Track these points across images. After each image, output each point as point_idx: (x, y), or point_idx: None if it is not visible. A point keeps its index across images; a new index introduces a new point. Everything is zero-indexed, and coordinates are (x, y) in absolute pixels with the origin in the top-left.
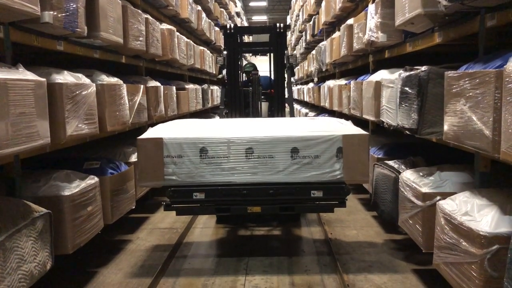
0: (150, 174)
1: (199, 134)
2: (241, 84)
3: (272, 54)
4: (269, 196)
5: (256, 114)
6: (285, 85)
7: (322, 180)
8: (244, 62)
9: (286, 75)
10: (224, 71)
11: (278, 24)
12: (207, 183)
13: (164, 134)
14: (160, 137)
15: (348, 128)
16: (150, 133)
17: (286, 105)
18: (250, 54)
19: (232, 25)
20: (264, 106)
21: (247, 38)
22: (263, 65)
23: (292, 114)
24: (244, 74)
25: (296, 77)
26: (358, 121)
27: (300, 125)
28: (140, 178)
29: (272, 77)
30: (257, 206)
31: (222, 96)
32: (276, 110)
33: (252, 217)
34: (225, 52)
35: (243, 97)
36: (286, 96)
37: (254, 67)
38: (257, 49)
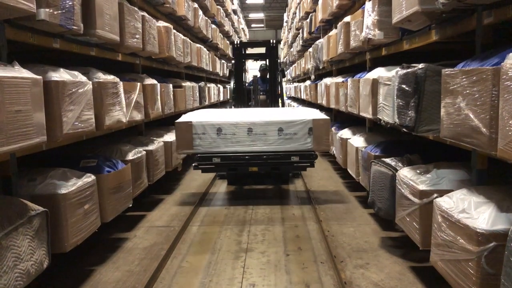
0: (184, 145)
1: (216, 119)
2: (248, 84)
3: (267, 62)
4: (263, 160)
5: (256, 105)
6: (278, 84)
7: (299, 149)
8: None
9: (278, 77)
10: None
11: (271, 40)
12: (222, 152)
13: (193, 119)
14: (190, 121)
15: (317, 114)
16: (183, 118)
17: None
18: (252, 60)
19: (239, 41)
20: (262, 99)
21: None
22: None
23: (282, 106)
24: (247, 75)
25: (293, 74)
26: (355, 118)
27: (285, 113)
28: (177, 148)
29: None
30: (255, 166)
31: (231, 93)
32: (271, 103)
33: (254, 178)
34: (233, 61)
35: (247, 93)
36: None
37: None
38: (257, 58)
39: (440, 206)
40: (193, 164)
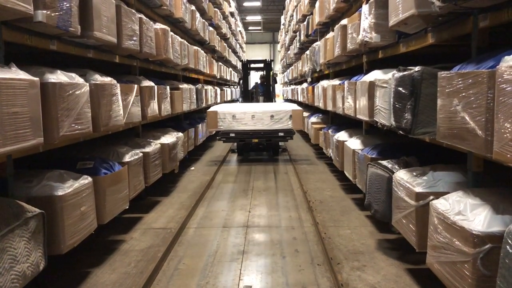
0: (212, 125)
1: (232, 109)
2: (251, 88)
3: (264, 72)
4: (261, 135)
5: (257, 102)
6: (271, 88)
7: (283, 128)
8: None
9: (272, 83)
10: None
11: (267, 59)
12: (235, 129)
13: (218, 109)
14: (216, 110)
15: (295, 107)
16: (212, 108)
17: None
18: (254, 71)
19: (245, 60)
20: (261, 98)
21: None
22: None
23: (274, 102)
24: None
25: (290, 77)
26: (352, 121)
27: (275, 106)
28: (207, 127)
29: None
30: (256, 139)
31: (240, 94)
32: (267, 101)
33: (255, 150)
34: (241, 74)
35: (251, 94)
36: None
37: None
38: (257, 70)
39: (436, 208)
40: (217, 137)
